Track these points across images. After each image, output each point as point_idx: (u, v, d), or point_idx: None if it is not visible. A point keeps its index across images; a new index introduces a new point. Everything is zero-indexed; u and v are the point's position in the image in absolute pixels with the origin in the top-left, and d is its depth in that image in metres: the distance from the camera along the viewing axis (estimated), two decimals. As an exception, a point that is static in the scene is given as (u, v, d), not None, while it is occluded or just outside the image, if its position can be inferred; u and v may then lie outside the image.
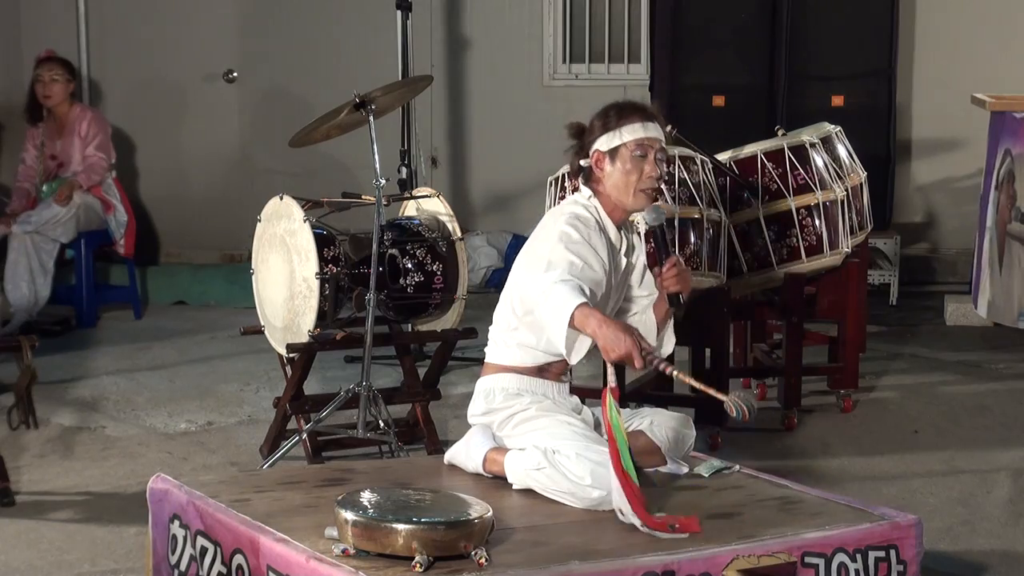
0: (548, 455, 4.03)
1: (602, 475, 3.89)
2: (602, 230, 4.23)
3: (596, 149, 4.24)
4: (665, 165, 4.29)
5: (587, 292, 3.99)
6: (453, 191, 9.85)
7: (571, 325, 3.91)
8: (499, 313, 4.35)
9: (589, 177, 4.28)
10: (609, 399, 3.87)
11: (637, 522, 3.74)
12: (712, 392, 3.98)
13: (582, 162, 4.28)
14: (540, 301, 4.01)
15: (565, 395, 4.33)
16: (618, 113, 4.24)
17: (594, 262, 4.13)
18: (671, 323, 4.37)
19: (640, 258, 4.41)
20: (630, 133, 4.20)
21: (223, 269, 9.65)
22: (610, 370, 3.96)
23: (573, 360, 4.06)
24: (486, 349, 4.40)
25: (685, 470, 4.28)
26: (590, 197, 4.27)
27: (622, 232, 4.31)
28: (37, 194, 8.66)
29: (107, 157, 8.73)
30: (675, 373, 4.01)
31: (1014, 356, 7.64)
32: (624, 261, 4.32)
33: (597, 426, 4.25)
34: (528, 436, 4.16)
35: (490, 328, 4.39)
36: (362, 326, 5.54)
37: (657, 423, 4.29)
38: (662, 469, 4.28)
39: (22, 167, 8.80)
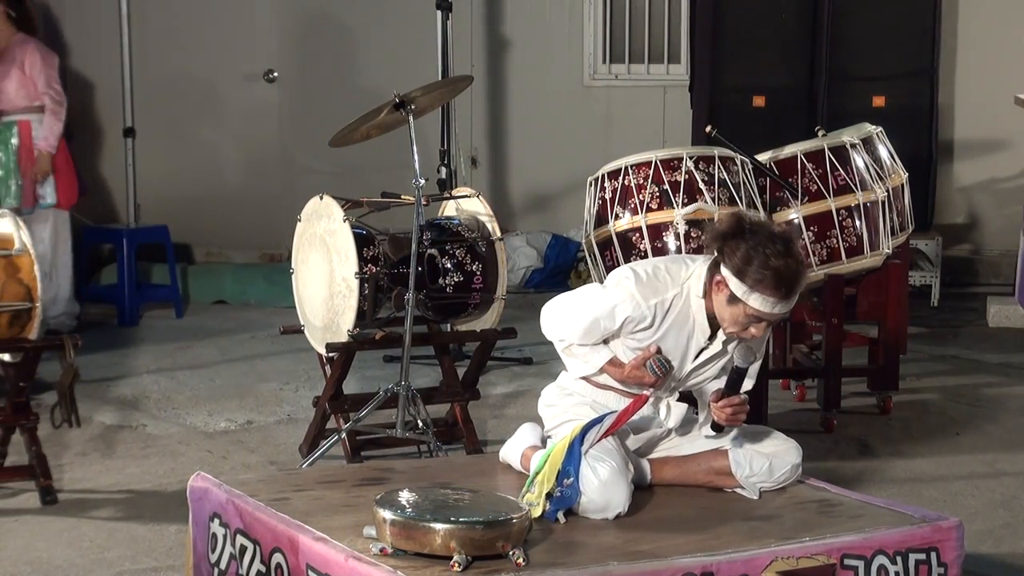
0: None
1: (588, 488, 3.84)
2: (678, 316, 4.08)
3: (723, 276, 3.99)
4: (770, 329, 4.11)
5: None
6: (493, 191, 9.85)
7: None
8: None
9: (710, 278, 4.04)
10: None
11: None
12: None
13: (714, 262, 4.03)
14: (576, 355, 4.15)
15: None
16: (758, 276, 3.92)
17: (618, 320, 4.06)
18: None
19: (722, 363, 4.17)
20: (757, 302, 3.93)
21: (263, 268, 9.69)
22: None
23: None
24: None
25: (756, 498, 4.12)
26: (695, 286, 4.06)
27: (718, 332, 4.10)
28: None
29: (58, 96, 7.91)
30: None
31: (1057, 358, 7.61)
32: (709, 346, 4.13)
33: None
34: (557, 437, 4.14)
35: None
36: (401, 326, 5.55)
37: (751, 452, 4.16)
38: (730, 489, 4.15)
39: None
